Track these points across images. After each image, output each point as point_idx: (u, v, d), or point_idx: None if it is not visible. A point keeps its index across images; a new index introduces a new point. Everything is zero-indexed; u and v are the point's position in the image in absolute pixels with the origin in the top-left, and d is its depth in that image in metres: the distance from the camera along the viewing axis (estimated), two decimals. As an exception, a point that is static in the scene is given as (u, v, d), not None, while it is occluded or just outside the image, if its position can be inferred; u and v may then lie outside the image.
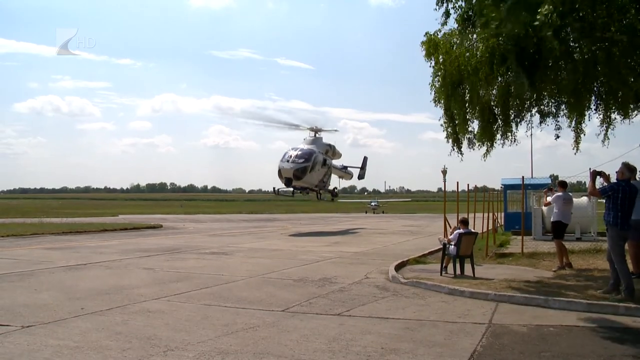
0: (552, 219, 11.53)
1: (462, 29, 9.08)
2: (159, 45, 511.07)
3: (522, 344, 5.63)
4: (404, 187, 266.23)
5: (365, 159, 40.48)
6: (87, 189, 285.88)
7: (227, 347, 5.43)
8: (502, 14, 7.50)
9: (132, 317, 6.82)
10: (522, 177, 14.89)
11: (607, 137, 11.05)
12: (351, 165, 38.23)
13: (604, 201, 8.08)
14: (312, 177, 29.09)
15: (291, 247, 17.73)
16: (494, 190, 24.27)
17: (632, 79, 9.32)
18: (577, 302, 7.34)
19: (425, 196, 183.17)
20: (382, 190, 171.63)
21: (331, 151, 32.59)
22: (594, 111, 10.93)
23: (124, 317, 6.77)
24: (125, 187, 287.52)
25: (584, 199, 18.52)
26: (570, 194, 12.51)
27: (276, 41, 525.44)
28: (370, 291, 8.92)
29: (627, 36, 7.77)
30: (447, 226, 14.81)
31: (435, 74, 10.41)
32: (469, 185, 16.80)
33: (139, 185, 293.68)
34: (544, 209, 17.13)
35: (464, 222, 10.85)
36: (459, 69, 9.77)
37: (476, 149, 11.55)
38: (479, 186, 19.06)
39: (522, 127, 12.11)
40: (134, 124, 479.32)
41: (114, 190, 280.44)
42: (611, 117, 10.88)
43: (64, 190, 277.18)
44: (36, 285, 9.27)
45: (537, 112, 11.27)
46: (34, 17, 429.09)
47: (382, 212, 65.35)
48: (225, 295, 8.51)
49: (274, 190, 31.35)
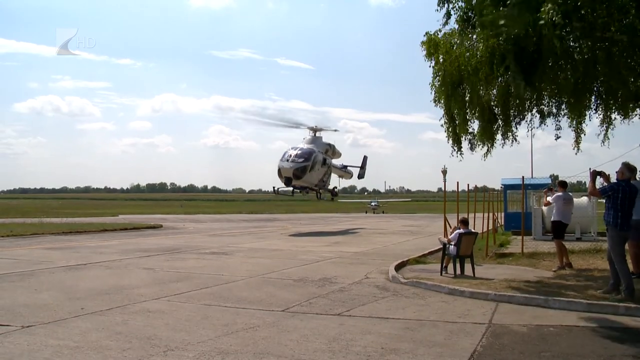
0: (552, 219, 11.53)
1: (462, 30, 9.08)
2: (159, 45, 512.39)
3: (522, 344, 5.63)
4: (404, 187, 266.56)
5: (365, 158, 40.49)
6: (87, 189, 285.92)
7: (227, 347, 5.43)
8: (501, 15, 7.50)
9: (132, 317, 6.82)
10: (522, 177, 14.91)
11: (607, 137, 11.08)
12: (351, 164, 38.29)
13: (604, 201, 8.08)
14: (312, 177, 29.06)
15: (291, 247, 17.73)
16: (494, 190, 24.29)
17: (632, 79, 9.33)
18: (577, 302, 7.34)
19: (425, 196, 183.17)
20: (382, 190, 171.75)
21: (331, 150, 32.57)
22: (594, 111, 10.94)
23: (124, 317, 6.77)
24: (125, 187, 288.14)
25: (584, 199, 18.53)
26: (570, 194, 12.51)
27: (276, 41, 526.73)
28: (370, 291, 8.92)
29: (627, 36, 7.77)
30: (447, 226, 14.82)
31: (435, 74, 10.41)
32: (469, 185, 16.83)
33: (139, 185, 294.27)
34: (544, 209, 17.13)
35: (464, 222, 10.85)
36: (459, 69, 9.77)
37: (477, 151, 11.57)
38: (479, 186, 19.06)
39: (523, 127, 12.15)
40: (134, 124, 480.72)
41: (114, 190, 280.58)
42: (611, 117, 10.89)
43: (64, 190, 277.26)
44: (36, 285, 9.27)
45: (537, 112, 11.28)
46: (34, 17, 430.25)
47: (382, 212, 65.35)
48: (225, 295, 8.51)
49: (273, 189, 31.33)
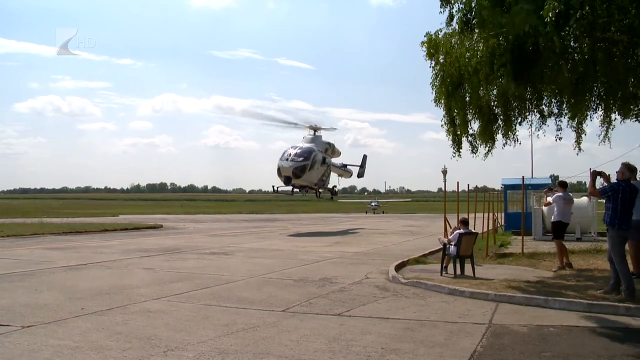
0: (553, 219, 11.53)
1: (463, 30, 9.08)
2: (160, 45, 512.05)
3: (522, 344, 5.62)
4: (404, 187, 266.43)
5: (364, 157, 40.50)
6: (87, 189, 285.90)
7: (228, 347, 5.43)
8: (499, 16, 7.50)
9: (132, 317, 6.82)
10: (523, 177, 14.89)
11: (607, 137, 11.08)
12: (351, 163, 38.30)
13: (604, 201, 8.08)
14: (312, 176, 29.03)
15: (291, 247, 17.73)
16: (494, 190, 24.28)
17: (632, 79, 9.33)
18: (578, 302, 7.34)
19: (425, 196, 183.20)
20: (383, 190, 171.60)
21: (330, 149, 32.54)
22: (594, 111, 10.94)
23: (124, 317, 6.77)
24: (125, 187, 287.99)
25: (584, 199, 18.53)
26: (570, 194, 12.50)
27: (276, 41, 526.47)
28: (370, 291, 8.92)
29: (627, 36, 7.79)
30: (447, 226, 14.81)
31: (435, 75, 10.41)
32: (469, 185, 16.81)
33: (139, 185, 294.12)
34: (544, 209, 17.13)
35: (464, 222, 10.84)
36: (460, 69, 9.78)
37: (478, 152, 11.56)
38: (479, 186, 19.06)
39: (524, 128, 12.13)
40: (135, 124, 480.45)
41: (114, 190, 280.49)
42: (611, 117, 10.90)
43: (64, 190, 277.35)
44: (37, 285, 9.27)
45: (538, 112, 11.26)
46: (34, 17, 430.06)
47: (382, 212, 65.34)
48: (225, 295, 8.51)
49: (273, 188, 31.28)
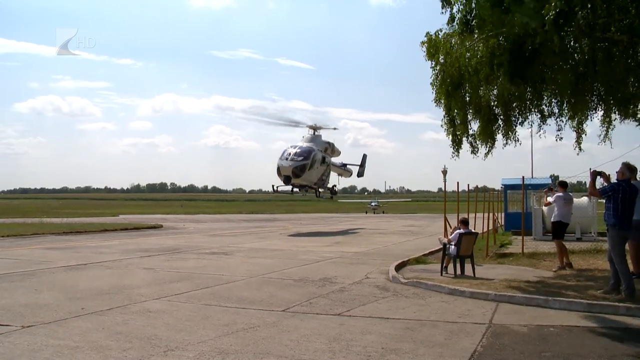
0: (553, 219, 11.52)
1: (462, 31, 9.08)
2: (160, 45, 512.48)
3: (522, 344, 5.62)
4: (404, 187, 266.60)
5: (364, 156, 40.56)
6: (87, 189, 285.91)
7: (228, 347, 5.43)
8: (499, 16, 7.50)
9: (132, 317, 6.82)
10: (523, 177, 14.88)
11: (607, 137, 11.07)
12: (351, 162, 38.30)
13: (604, 201, 8.07)
14: (311, 175, 29.02)
15: (291, 247, 17.73)
16: (494, 190, 24.27)
17: (632, 79, 9.33)
18: (578, 302, 7.34)
19: (425, 196, 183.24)
20: (383, 190, 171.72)
21: (330, 149, 32.52)
22: (594, 111, 10.94)
23: (124, 317, 6.77)
24: (125, 187, 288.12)
25: (585, 199, 18.52)
26: (570, 194, 12.50)
27: (276, 41, 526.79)
28: (370, 291, 8.92)
29: (627, 36, 7.79)
30: (448, 226, 14.81)
31: (436, 75, 10.41)
32: (469, 185, 16.80)
33: (139, 185, 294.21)
34: (545, 209, 17.13)
35: (464, 222, 10.84)
36: (460, 70, 9.77)
37: (478, 152, 11.55)
38: (479, 186, 19.05)
39: (524, 128, 12.12)
40: (135, 124, 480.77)
41: (115, 190, 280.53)
42: (611, 117, 10.89)
43: (65, 190, 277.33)
44: (37, 285, 9.27)
45: (538, 112, 11.26)
46: (34, 17, 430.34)
47: (383, 212, 65.36)
48: (225, 295, 8.51)
49: (272, 188, 31.26)
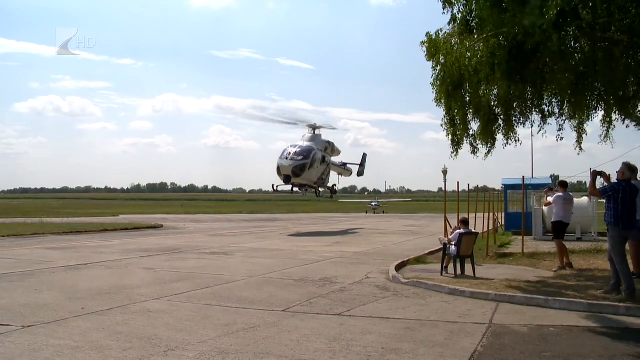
0: (553, 219, 11.51)
1: (463, 32, 9.07)
2: (160, 45, 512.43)
3: (522, 344, 5.62)
4: (404, 187, 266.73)
5: (364, 155, 40.55)
6: (87, 189, 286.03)
7: (228, 347, 5.43)
8: (498, 16, 7.50)
9: (132, 317, 6.82)
10: (523, 177, 14.88)
11: (608, 137, 11.05)
12: (351, 162, 38.29)
13: (605, 201, 8.07)
14: (311, 174, 29.00)
15: (292, 247, 17.73)
16: (494, 190, 24.28)
17: (632, 79, 9.33)
18: (578, 302, 7.34)
19: (425, 196, 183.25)
20: (383, 190, 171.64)
21: (330, 148, 32.49)
22: (595, 111, 10.92)
23: (124, 317, 6.77)
24: (125, 187, 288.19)
25: (585, 199, 18.52)
26: (570, 194, 12.49)
27: (277, 41, 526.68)
28: (371, 291, 8.92)
29: (627, 36, 7.78)
30: (448, 226, 14.81)
31: (436, 75, 10.40)
32: (469, 185, 16.80)
33: (139, 185, 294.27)
34: (545, 209, 17.11)
35: (465, 222, 10.84)
36: (460, 70, 9.76)
37: (478, 153, 11.54)
38: (479, 186, 19.06)
39: (525, 128, 12.10)
40: (135, 124, 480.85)
41: (115, 190, 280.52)
42: (612, 117, 10.87)
43: (65, 190, 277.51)
44: (37, 285, 9.27)
45: (539, 112, 11.24)
46: (34, 17, 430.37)
47: (383, 212, 65.33)
48: (225, 295, 8.51)
49: (273, 187, 31.22)
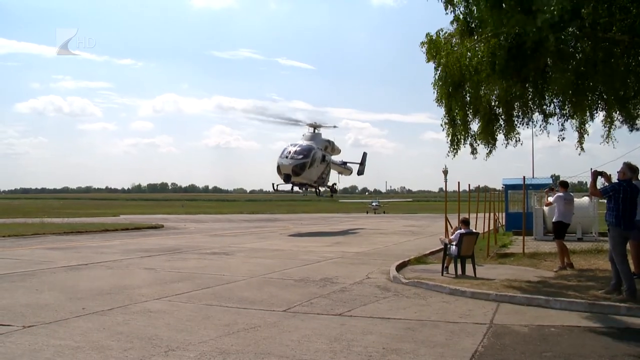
0: (554, 219, 11.50)
1: (463, 32, 9.06)
2: (160, 45, 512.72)
3: (523, 344, 5.62)
4: (405, 187, 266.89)
5: (364, 154, 40.56)
6: (88, 189, 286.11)
7: (229, 347, 5.43)
8: (498, 16, 7.50)
9: (133, 317, 6.82)
10: (524, 177, 14.86)
11: (609, 137, 11.04)
12: (351, 161, 38.27)
13: (605, 201, 8.06)
14: (311, 173, 28.98)
15: (292, 247, 17.73)
16: (495, 190, 24.27)
17: (633, 79, 9.32)
18: (579, 302, 7.33)
19: (426, 196, 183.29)
20: (383, 190, 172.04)
21: (330, 147, 32.46)
22: (596, 111, 10.91)
23: (125, 317, 6.78)
24: (126, 187, 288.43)
25: (586, 199, 18.50)
26: (571, 194, 12.48)
27: (277, 41, 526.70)
28: (371, 291, 8.92)
29: (628, 36, 7.78)
30: (448, 226, 14.80)
31: (437, 75, 10.38)
32: (470, 185, 16.79)
33: (140, 185, 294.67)
34: (545, 209, 17.11)
35: (465, 222, 10.84)
36: (461, 69, 9.75)
37: (479, 153, 11.53)
38: (480, 186, 19.04)
39: (526, 128, 12.07)
40: (136, 124, 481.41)
41: (115, 190, 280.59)
42: (613, 117, 10.86)
43: (65, 190, 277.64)
44: (37, 285, 9.28)
45: (540, 112, 11.23)
46: (34, 17, 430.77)
47: (383, 212, 65.28)
48: (226, 295, 8.52)
49: (273, 187, 31.15)
